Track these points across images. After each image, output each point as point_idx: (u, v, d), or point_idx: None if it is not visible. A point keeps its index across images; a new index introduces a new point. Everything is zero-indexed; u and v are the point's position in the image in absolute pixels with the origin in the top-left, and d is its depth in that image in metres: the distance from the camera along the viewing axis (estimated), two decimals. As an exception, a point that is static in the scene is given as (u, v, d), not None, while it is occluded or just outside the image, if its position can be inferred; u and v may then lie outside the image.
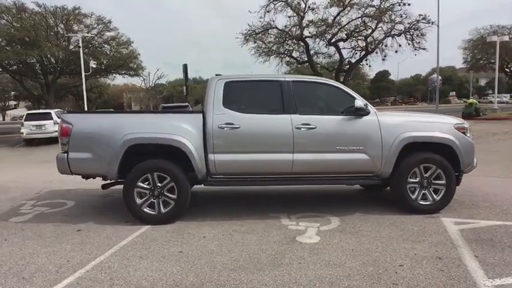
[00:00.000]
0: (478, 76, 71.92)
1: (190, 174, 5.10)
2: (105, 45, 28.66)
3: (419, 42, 20.66)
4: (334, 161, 5.14)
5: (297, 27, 20.56)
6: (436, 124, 5.32)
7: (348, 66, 21.80)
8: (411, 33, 20.16)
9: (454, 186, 5.22)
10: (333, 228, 4.79)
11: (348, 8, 19.32)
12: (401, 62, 79.11)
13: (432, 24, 19.59)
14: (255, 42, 22.07)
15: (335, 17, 19.76)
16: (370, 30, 20.17)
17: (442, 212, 5.25)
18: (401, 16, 19.96)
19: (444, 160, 5.17)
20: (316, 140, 5.12)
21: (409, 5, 20.03)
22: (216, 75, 5.52)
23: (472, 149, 5.32)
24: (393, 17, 19.56)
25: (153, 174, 4.98)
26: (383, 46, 21.05)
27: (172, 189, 5.02)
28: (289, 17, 20.50)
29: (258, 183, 5.28)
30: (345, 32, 20.28)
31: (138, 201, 5.01)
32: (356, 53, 22.07)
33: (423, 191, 5.23)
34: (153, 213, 5.03)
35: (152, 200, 5.03)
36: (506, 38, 34.95)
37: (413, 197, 5.21)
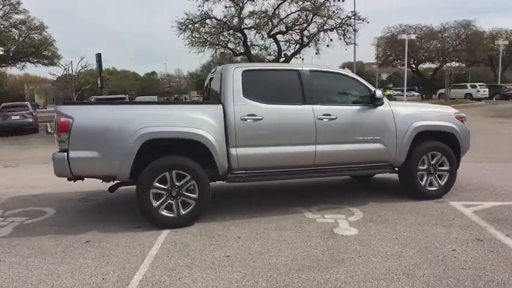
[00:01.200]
0: (380, 71, 78.74)
1: (207, 171, 4.68)
2: (13, 30, 25.27)
3: (350, 38, 21.91)
4: (354, 151, 5.13)
5: (236, 18, 20.33)
6: (441, 114, 5.61)
7: (283, 59, 22.21)
8: (343, 28, 21.26)
9: (455, 172, 5.57)
10: (361, 219, 4.78)
11: (288, 1, 19.65)
12: (315, 56, 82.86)
13: (363, 21, 20.90)
14: (192, 33, 21.31)
15: (274, 9, 19.95)
16: (305, 24, 20.77)
17: (445, 196, 5.57)
18: (334, 12, 20.94)
19: (447, 147, 5.48)
20: (338, 130, 5.05)
21: (343, 1, 21.09)
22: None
23: (468, 136, 5.72)
24: (327, 12, 20.41)
25: (172, 173, 4.47)
26: (316, 40, 21.86)
27: (192, 188, 4.56)
28: (227, 7, 20.17)
29: (280, 177, 5.04)
30: (284, 25, 20.63)
31: (155, 203, 4.45)
32: (290, 46, 22.61)
33: (430, 178, 5.49)
34: (172, 215, 4.51)
35: (170, 201, 4.52)
36: (413, 37, 38.75)
37: (422, 183, 5.44)
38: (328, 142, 5.02)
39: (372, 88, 5.28)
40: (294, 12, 20.44)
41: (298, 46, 21.99)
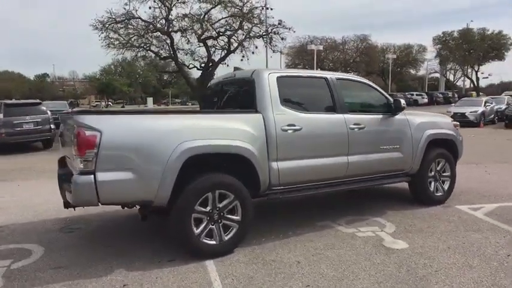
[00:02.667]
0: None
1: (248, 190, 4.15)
2: None
3: (275, 46, 22.36)
4: (379, 160, 5.07)
5: (163, 20, 19.20)
6: (444, 122, 5.89)
7: (211, 64, 21.71)
8: (270, 36, 21.61)
9: (455, 177, 5.89)
10: (396, 230, 4.70)
11: (220, 6, 19.22)
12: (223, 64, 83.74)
13: (289, 30, 21.50)
14: (115, 32, 19.47)
15: (205, 14, 19.33)
16: (233, 31, 20.57)
17: (447, 201, 5.83)
18: (260, 19, 21.14)
19: (449, 154, 5.77)
20: (366, 140, 4.93)
21: (271, 9, 21.40)
22: (236, 68, 4.66)
23: (462, 143, 6.09)
24: (254, 19, 20.51)
25: (215, 193, 3.84)
26: (243, 47, 21.83)
27: (234, 210, 3.99)
28: (151, 8, 18.91)
29: (313, 191, 4.68)
30: (214, 31, 20.10)
31: (196, 230, 3.78)
32: (215, 52, 22.17)
33: (436, 184, 5.70)
34: (214, 243, 3.88)
35: (210, 226, 3.88)
36: (320, 47, 41.49)
37: (431, 189, 5.63)
38: (358, 152, 4.87)
39: (389, 97, 5.30)
40: (223, 18, 20.14)
41: (225, 52, 21.73)
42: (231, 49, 21.53)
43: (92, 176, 3.34)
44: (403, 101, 5.17)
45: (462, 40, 31.37)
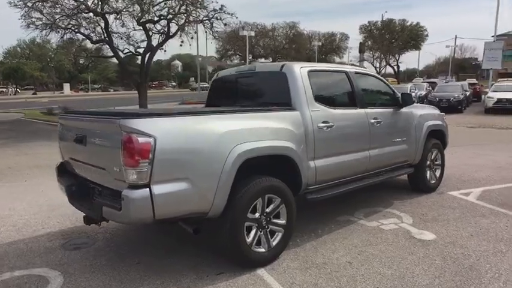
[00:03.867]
0: (217, 64, 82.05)
1: None
2: None
3: (216, 31, 21.74)
4: (391, 153, 5.18)
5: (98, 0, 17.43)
6: (437, 114, 6.19)
7: (150, 50, 20.40)
8: (211, 21, 20.94)
9: (444, 165, 6.27)
10: (415, 221, 4.84)
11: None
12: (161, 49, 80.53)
13: (232, 15, 20.99)
14: (39, 12, 17.21)
15: (145, -5, 17.97)
16: (174, 15, 19.51)
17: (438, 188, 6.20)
18: (203, 4, 20.35)
19: (440, 143, 6.11)
20: (383, 134, 4.99)
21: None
22: (253, 59, 4.40)
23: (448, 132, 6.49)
24: (198, 4, 19.67)
25: (264, 198, 3.59)
26: (182, 31, 20.90)
27: (279, 214, 3.78)
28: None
29: (345, 187, 4.59)
30: (154, 14, 18.84)
31: (248, 239, 3.50)
32: (152, 36, 20.89)
33: (430, 172, 6.01)
34: (263, 250, 3.64)
35: (259, 233, 3.62)
36: (252, 33, 41.43)
37: (428, 177, 5.93)
38: (377, 146, 4.91)
39: (395, 90, 5.41)
40: (164, 1, 18.95)
41: (163, 37, 20.61)
42: (170, 34, 20.51)
43: (147, 189, 2.88)
44: (413, 94, 5.29)
45: (385, 30, 33.83)
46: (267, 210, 3.65)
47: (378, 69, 39.58)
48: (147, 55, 19.67)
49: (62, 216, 5.06)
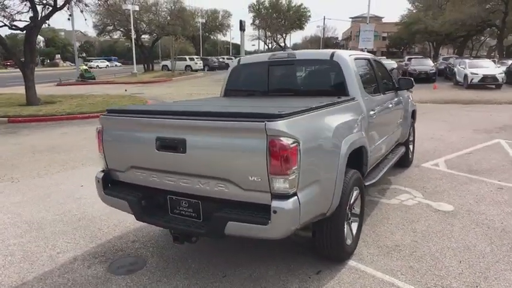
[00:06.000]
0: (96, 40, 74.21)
1: None
2: None
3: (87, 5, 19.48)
4: (398, 134, 5.57)
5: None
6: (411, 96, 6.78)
7: (35, 24, 17.22)
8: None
9: (414, 141, 7.00)
10: (425, 195, 5.31)
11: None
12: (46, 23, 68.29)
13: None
14: None
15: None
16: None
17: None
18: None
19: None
20: (395, 117, 5.33)
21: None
22: (286, 46, 4.28)
23: None
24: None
25: (353, 190, 3.55)
26: (69, 3, 18.28)
27: (354, 204, 3.79)
28: None
29: (383, 169, 4.75)
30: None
31: (345, 234, 3.45)
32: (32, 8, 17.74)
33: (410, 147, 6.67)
34: (350, 242, 3.62)
35: (346, 225, 3.59)
36: (136, 8, 38.47)
37: (409, 152, 6.57)
38: (393, 129, 5.23)
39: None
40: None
41: (49, 9, 17.69)
42: (58, 6, 17.78)
43: (296, 198, 2.60)
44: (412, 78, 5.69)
45: (272, 10, 35.06)
46: (351, 201, 3.63)
47: (269, 48, 40.94)
48: (32, 30, 16.70)
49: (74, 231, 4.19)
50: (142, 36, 44.51)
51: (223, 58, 52.03)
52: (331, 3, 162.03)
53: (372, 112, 4.22)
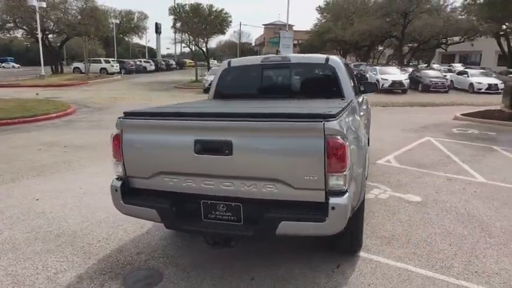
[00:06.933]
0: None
1: None
2: None
3: None
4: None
5: None
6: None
7: None
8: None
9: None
10: (393, 189, 5.81)
11: None
12: None
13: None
14: None
15: None
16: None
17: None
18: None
19: (368, 122, 7.37)
20: (367, 118, 5.74)
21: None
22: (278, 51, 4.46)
23: None
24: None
25: (363, 185, 3.78)
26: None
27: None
28: None
29: None
30: None
31: (360, 226, 3.67)
32: None
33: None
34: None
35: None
36: (43, 4, 35.11)
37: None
38: (367, 130, 5.63)
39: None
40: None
41: None
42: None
43: (348, 194, 2.71)
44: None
45: (193, 14, 34.68)
46: (361, 195, 3.86)
47: (192, 51, 40.37)
48: None
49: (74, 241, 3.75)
50: (50, 35, 40.79)
51: (141, 61, 50.21)
52: (245, 11, 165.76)
53: (361, 113, 4.53)
